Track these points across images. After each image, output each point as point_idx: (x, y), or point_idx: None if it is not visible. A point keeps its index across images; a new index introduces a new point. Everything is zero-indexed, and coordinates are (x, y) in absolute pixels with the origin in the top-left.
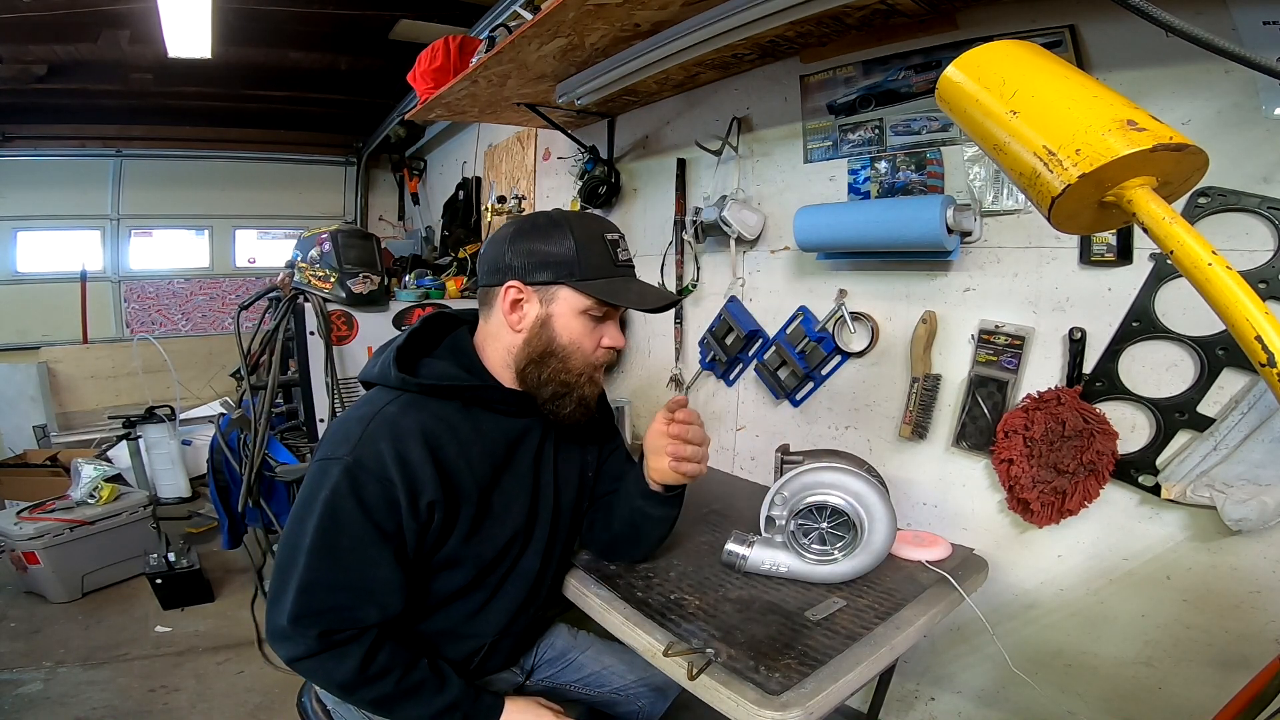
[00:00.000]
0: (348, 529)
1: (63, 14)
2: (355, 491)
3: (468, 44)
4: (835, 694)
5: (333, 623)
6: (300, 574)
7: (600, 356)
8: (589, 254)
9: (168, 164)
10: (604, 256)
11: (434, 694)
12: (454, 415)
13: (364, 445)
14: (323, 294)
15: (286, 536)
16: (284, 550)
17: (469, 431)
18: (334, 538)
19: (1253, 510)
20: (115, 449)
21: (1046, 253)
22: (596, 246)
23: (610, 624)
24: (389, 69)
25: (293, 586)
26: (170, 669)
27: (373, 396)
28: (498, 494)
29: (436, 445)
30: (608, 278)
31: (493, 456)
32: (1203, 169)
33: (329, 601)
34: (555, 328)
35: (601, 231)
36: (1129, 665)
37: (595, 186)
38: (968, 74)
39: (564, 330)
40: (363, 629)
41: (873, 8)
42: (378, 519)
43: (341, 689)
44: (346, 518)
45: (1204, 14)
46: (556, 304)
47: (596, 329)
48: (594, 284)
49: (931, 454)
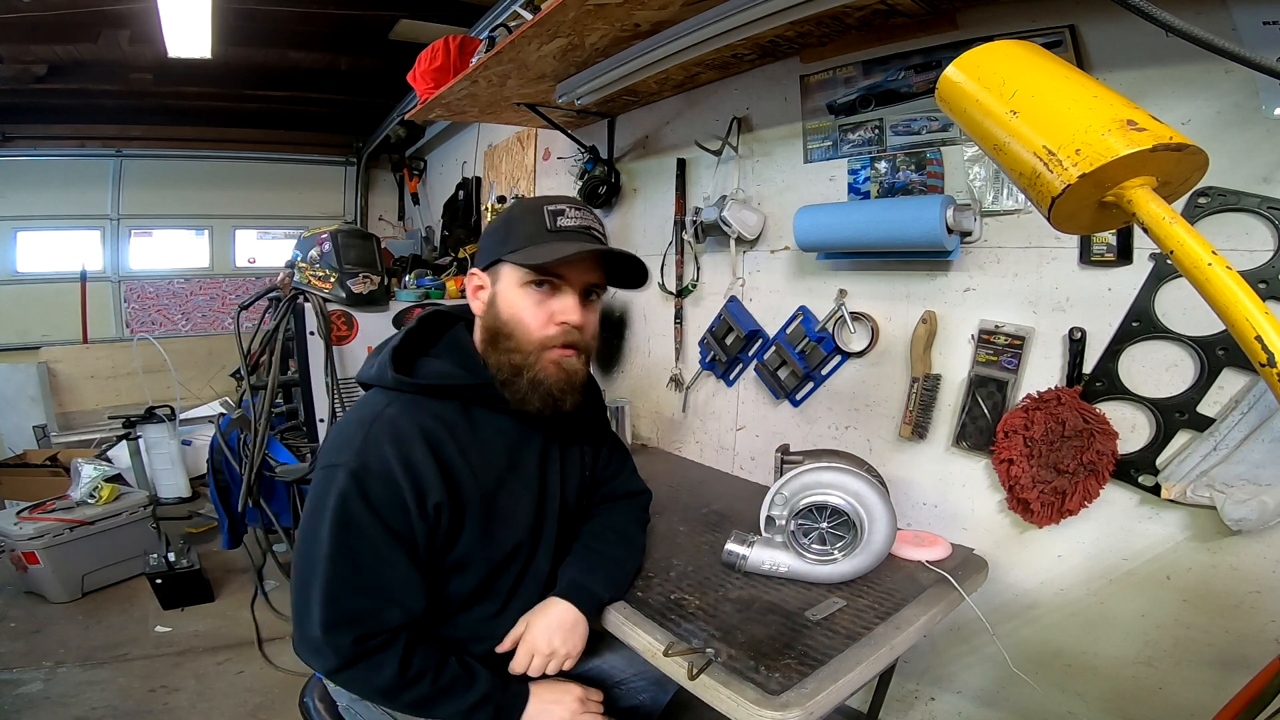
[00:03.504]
0: (361, 532)
1: (63, 14)
2: (363, 495)
3: (468, 44)
4: (835, 694)
5: (365, 627)
6: (323, 582)
7: (552, 333)
8: (522, 225)
9: (168, 164)
10: (536, 225)
11: (466, 689)
12: (453, 415)
13: (367, 449)
14: (323, 294)
15: (301, 549)
16: (300, 562)
17: (469, 432)
18: (349, 542)
19: (1253, 510)
20: (115, 449)
21: (1046, 253)
22: (531, 217)
23: (610, 624)
24: (389, 69)
25: (317, 596)
26: (170, 669)
27: (371, 399)
28: (504, 495)
29: (438, 446)
30: (538, 244)
31: (495, 457)
32: (1203, 169)
33: (357, 605)
34: (499, 304)
35: (542, 203)
36: (1129, 665)
37: (595, 186)
38: (968, 74)
39: (506, 305)
40: (394, 633)
41: (873, 8)
42: (388, 521)
43: (383, 695)
44: (358, 521)
45: (1204, 14)
46: (500, 281)
47: (545, 302)
48: (523, 251)
49: (931, 454)
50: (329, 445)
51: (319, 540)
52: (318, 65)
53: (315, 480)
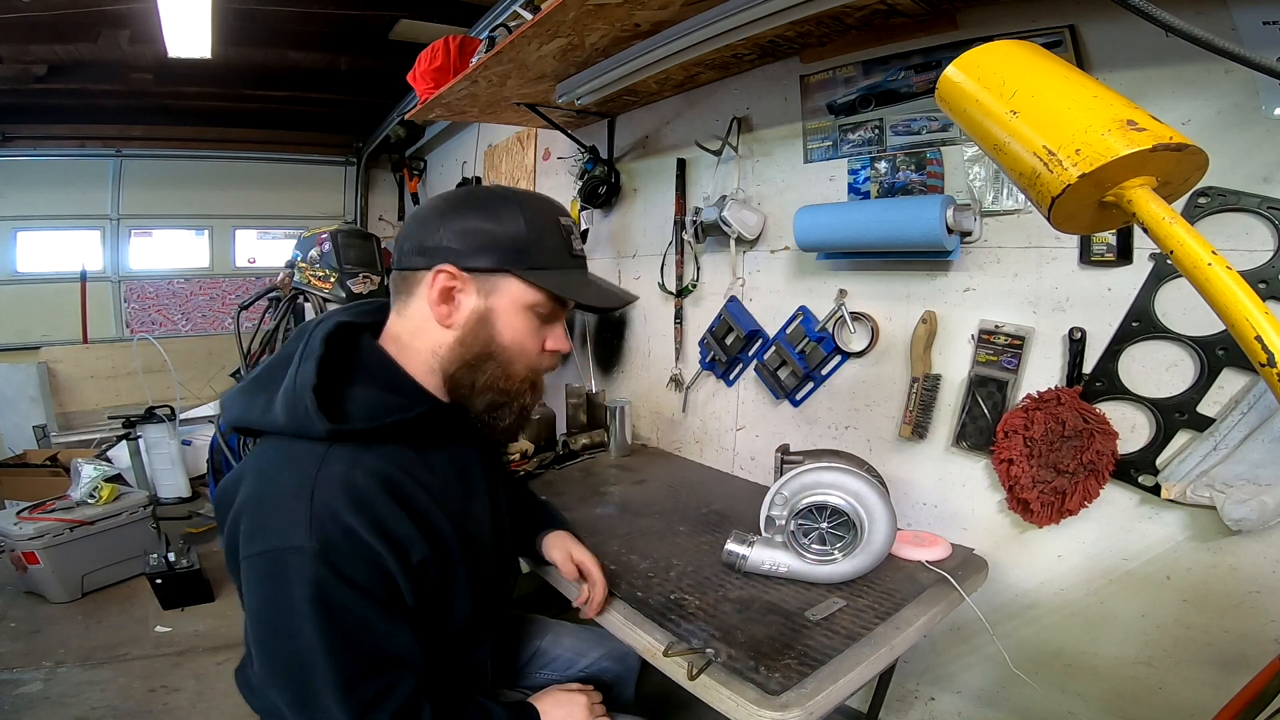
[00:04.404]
0: (353, 616)
1: (63, 14)
2: (339, 577)
3: (468, 44)
4: (835, 694)
5: (394, 702)
6: (331, 678)
7: (545, 361)
8: (543, 239)
9: (168, 164)
10: (560, 244)
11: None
12: (403, 453)
13: (321, 525)
14: (323, 294)
15: (279, 653)
16: (285, 667)
17: (425, 468)
18: (343, 629)
19: (1253, 510)
20: (115, 449)
21: (1046, 253)
22: (552, 232)
23: (610, 624)
24: (389, 69)
25: (330, 695)
26: (170, 669)
27: (291, 456)
28: (470, 523)
29: (406, 498)
30: (563, 269)
31: (452, 486)
32: (1203, 169)
33: (376, 687)
34: (497, 325)
35: (556, 215)
36: (1129, 665)
37: (595, 186)
38: (968, 74)
39: (507, 328)
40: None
41: (873, 8)
42: (378, 595)
43: None
44: (344, 605)
45: (1204, 14)
46: (499, 296)
47: (541, 329)
48: (547, 275)
49: (931, 454)
50: (255, 528)
51: (300, 637)
52: (318, 65)
53: (258, 572)
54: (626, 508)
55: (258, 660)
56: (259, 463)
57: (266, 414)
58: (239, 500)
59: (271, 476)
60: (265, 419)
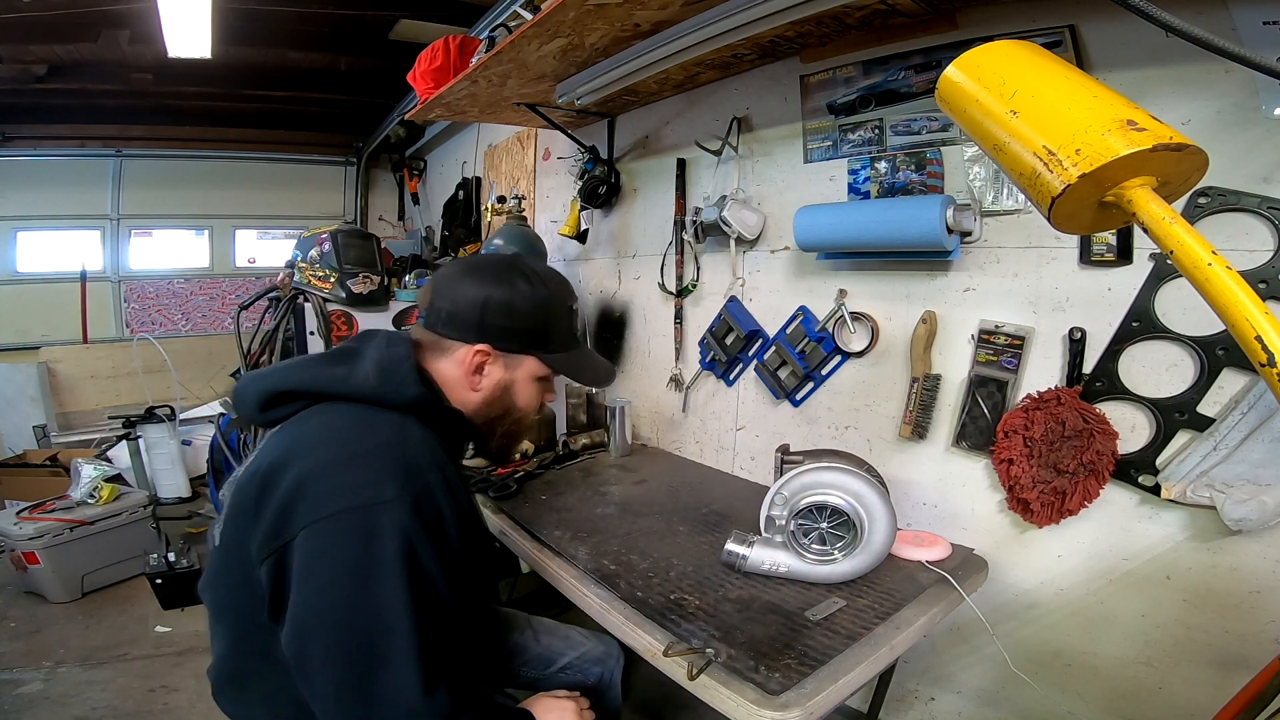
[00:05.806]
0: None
1: (63, 14)
2: (425, 530)
3: (468, 44)
4: (835, 694)
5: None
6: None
7: (541, 410)
8: (559, 326)
9: (168, 164)
10: (570, 329)
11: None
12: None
13: (411, 478)
14: (323, 294)
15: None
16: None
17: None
18: (424, 585)
19: (1253, 510)
20: (115, 449)
21: (1046, 253)
22: (565, 318)
23: (610, 624)
24: (389, 69)
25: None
26: (170, 669)
27: (370, 421)
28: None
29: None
30: (570, 350)
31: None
32: (1203, 169)
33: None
34: (516, 392)
35: (568, 301)
36: (1129, 665)
37: (595, 186)
38: (968, 74)
39: (523, 395)
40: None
41: (873, 8)
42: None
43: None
44: (425, 561)
45: (1204, 14)
46: (520, 370)
47: (543, 389)
48: (559, 358)
49: (931, 454)
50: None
51: (382, 594)
52: (318, 65)
53: (336, 530)
54: (626, 508)
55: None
56: (323, 433)
57: (348, 380)
58: (299, 472)
59: (352, 440)
60: (346, 385)
